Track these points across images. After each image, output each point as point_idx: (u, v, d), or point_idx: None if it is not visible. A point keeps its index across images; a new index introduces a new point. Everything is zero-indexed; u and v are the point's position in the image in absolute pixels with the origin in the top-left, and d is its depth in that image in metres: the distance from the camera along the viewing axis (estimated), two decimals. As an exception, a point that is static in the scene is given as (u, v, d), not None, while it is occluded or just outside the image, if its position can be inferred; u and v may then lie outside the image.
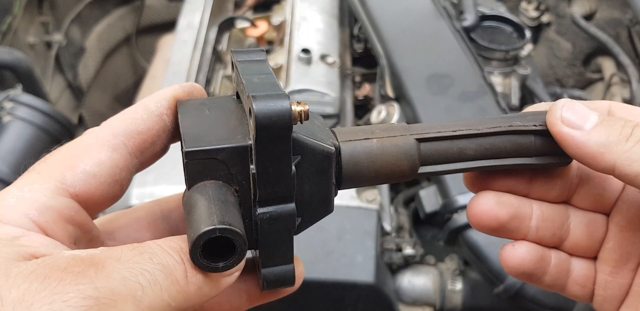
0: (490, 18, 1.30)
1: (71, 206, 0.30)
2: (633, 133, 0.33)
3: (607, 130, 0.33)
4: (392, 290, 0.95)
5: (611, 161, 0.32)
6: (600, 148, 0.33)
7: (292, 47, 1.24)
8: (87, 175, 0.30)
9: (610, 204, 0.38)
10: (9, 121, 1.26)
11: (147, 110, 0.33)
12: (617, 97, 1.36)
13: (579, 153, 0.33)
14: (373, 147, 0.34)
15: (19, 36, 1.68)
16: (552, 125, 0.34)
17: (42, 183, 0.29)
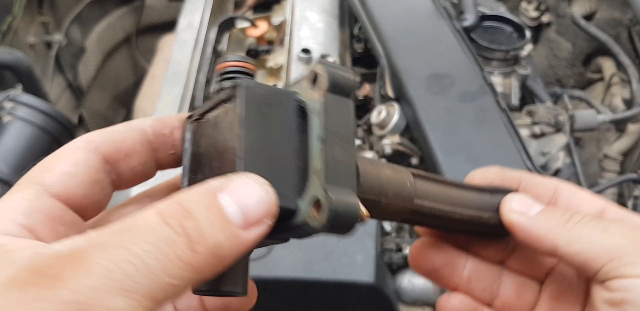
0: (491, 18, 1.30)
1: (57, 206, 0.29)
2: (572, 218, 0.37)
3: (549, 215, 0.38)
4: (392, 290, 0.95)
5: (553, 242, 0.36)
6: (542, 231, 0.37)
7: (292, 47, 1.24)
8: (65, 175, 0.30)
9: (543, 273, 0.42)
10: (9, 121, 1.26)
11: (126, 125, 0.33)
12: (617, 97, 1.36)
13: (526, 236, 0.38)
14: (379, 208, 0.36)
15: (19, 36, 1.68)
16: (503, 213, 0.39)
17: (24, 190, 0.29)
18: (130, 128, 0.33)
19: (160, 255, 0.23)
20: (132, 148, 0.33)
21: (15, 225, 0.27)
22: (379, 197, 0.35)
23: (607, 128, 1.33)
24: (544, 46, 1.64)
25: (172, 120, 0.35)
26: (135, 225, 0.24)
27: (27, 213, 0.28)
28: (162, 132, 0.34)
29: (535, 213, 0.38)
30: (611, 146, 1.32)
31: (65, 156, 0.31)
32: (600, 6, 1.49)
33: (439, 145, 1.01)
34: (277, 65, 1.26)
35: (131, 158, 0.33)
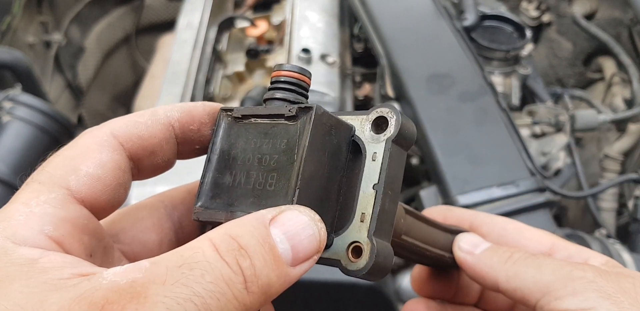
0: (491, 18, 1.30)
1: (83, 214, 0.28)
2: (512, 256, 0.40)
3: (491, 253, 0.41)
4: (392, 290, 0.95)
5: (494, 279, 0.39)
6: (485, 268, 0.40)
7: (292, 46, 1.23)
8: (92, 178, 0.28)
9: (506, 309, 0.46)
10: (8, 121, 1.25)
11: (153, 116, 0.31)
12: (618, 96, 1.36)
13: (472, 273, 0.41)
14: None
15: (18, 36, 1.67)
16: (454, 251, 0.44)
17: (48, 194, 0.27)
18: (156, 122, 0.31)
19: (219, 294, 0.23)
20: (159, 145, 0.31)
21: (43, 236, 0.26)
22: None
23: (607, 128, 1.33)
24: (545, 46, 1.64)
25: (200, 116, 0.33)
26: (193, 259, 0.24)
27: (54, 223, 0.26)
28: (190, 127, 0.32)
29: (480, 252, 0.42)
30: (612, 146, 1.32)
31: (90, 154, 0.29)
32: (600, 6, 1.49)
33: (439, 145, 1.00)
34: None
35: (156, 155, 0.31)
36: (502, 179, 0.96)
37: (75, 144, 0.30)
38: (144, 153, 0.31)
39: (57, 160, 0.29)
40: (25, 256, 0.25)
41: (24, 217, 0.26)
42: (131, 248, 0.33)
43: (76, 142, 0.30)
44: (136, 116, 0.31)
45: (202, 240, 0.25)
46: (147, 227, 0.34)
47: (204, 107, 0.33)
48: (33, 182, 0.28)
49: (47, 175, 0.28)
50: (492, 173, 0.97)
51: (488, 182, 0.95)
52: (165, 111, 0.32)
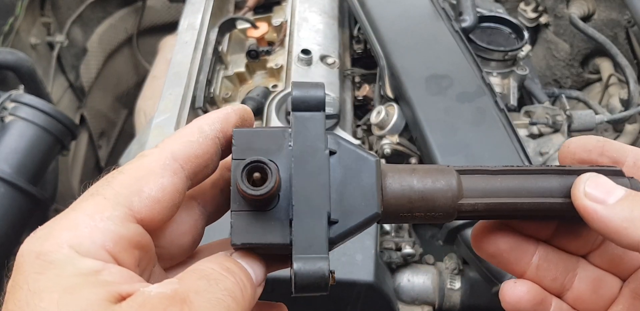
0: (489, 19, 1.31)
1: (139, 232, 0.31)
2: None
3: (631, 204, 0.32)
4: (391, 289, 0.96)
5: (636, 237, 0.31)
6: (623, 223, 0.32)
7: (292, 47, 1.24)
8: (153, 201, 0.31)
9: (628, 270, 0.38)
10: (11, 121, 1.26)
11: (202, 133, 0.34)
12: (615, 97, 1.37)
13: (603, 228, 0.33)
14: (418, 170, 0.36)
15: (21, 37, 1.68)
16: (575, 198, 0.34)
17: (112, 211, 0.30)
18: (206, 138, 0.34)
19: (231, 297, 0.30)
20: (210, 159, 0.34)
21: (104, 251, 0.29)
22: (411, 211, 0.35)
23: (604, 128, 1.34)
24: (542, 47, 1.65)
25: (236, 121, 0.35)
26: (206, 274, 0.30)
27: (114, 240, 0.29)
28: (228, 134, 0.35)
29: (616, 201, 0.33)
30: (609, 146, 1.32)
31: (153, 178, 0.31)
32: (598, 7, 1.49)
33: (437, 145, 1.01)
34: (277, 65, 1.27)
35: (208, 168, 0.34)
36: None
37: (140, 165, 0.32)
38: (200, 169, 0.33)
39: (123, 178, 0.32)
40: (89, 267, 0.28)
41: (89, 229, 0.29)
42: (168, 251, 0.35)
43: (141, 162, 0.32)
44: (187, 135, 0.34)
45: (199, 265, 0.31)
46: (185, 230, 0.36)
47: (234, 112, 0.35)
48: (98, 195, 0.31)
49: (113, 192, 0.31)
50: (490, 173, 0.98)
51: (486, 182, 0.96)
52: (209, 125, 0.34)
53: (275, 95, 1.13)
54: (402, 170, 0.36)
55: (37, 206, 1.26)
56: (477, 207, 0.35)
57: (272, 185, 0.31)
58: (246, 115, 0.36)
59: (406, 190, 0.35)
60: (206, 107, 1.17)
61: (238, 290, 0.30)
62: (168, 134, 1.05)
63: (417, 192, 0.35)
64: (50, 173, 1.42)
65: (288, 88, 1.14)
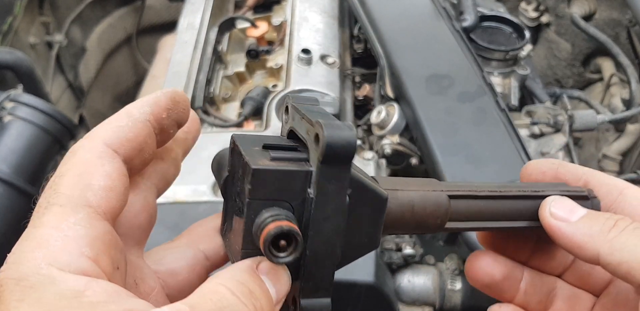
0: (490, 18, 1.30)
1: (108, 229, 0.30)
2: (616, 225, 0.35)
3: (591, 221, 0.36)
4: (391, 290, 0.96)
5: (595, 250, 0.35)
6: (584, 238, 0.35)
7: (292, 47, 1.24)
8: (106, 190, 0.30)
9: (599, 286, 0.41)
10: (9, 121, 1.26)
11: (131, 118, 0.33)
12: (617, 97, 1.37)
13: (567, 243, 0.36)
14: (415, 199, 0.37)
15: (20, 36, 1.68)
16: (542, 218, 0.38)
17: (75, 215, 0.28)
18: (136, 121, 0.33)
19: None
20: (144, 142, 0.33)
21: (84, 258, 0.27)
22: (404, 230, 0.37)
23: (606, 128, 1.34)
24: (544, 46, 1.65)
25: (166, 103, 0.34)
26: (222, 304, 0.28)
27: (90, 244, 0.28)
28: (162, 116, 0.34)
29: (577, 219, 0.36)
30: (610, 146, 1.32)
31: (95, 168, 0.30)
32: (599, 7, 1.49)
33: (438, 145, 1.01)
34: (277, 65, 1.27)
35: (144, 151, 0.33)
36: (501, 179, 0.97)
37: (75, 161, 0.31)
38: (134, 152, 0.32)
39: (66, 180, 0.30)
40: (71, 287, 0.26)
41: (60, 241, 0.27)
42: (131, 236, 0.35)
43: (73, 159, 0.31)
44: (116, 121, 0.33)
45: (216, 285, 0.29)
46: (137, 210, 0.35)
47: (164, 95, 0.35)
48: (52, 206, 0.29)
49: (65, 196, 0.29)
50: (491, 173, 0.98)
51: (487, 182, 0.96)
52: (137, 109, 0.33)
53: (275, 94, 1.13)
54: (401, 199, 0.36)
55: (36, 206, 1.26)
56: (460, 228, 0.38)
57: (298, 255, 0.31)
58: (178, 98, 0.35)
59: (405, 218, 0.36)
60: (206, 106, 1.16)
61: None
62: (167, 134, 1.05)
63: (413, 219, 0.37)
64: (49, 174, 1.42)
65: (288, 88, 1.14)
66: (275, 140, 0.36)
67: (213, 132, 1.07)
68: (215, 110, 1.21)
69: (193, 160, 1.01)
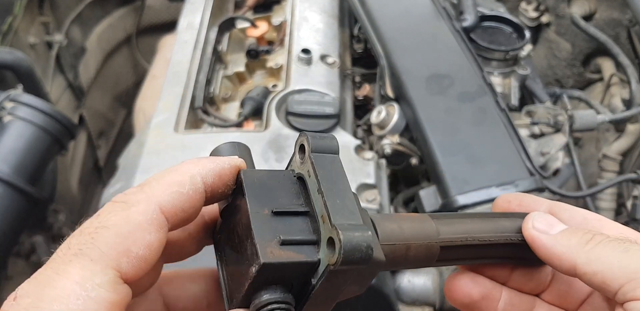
0: (490, 18, 1.30)
1: (127, 293, 0.30)
2: (593, 238, 0.37)
3: (570, 234, 0.38)
4: (391, 290, 0.96)
5: (572, 261, 0.37)
6: (563, 249, 0.37)
7: (292, 47, 1.24)
8: (140, 260, 0.30)
9: (576, 303, 0.42)
10: (9, 121, 1.26)
11: (193, 185, 0.32)
12: (617, 97, 1.37)
13: (546, 254, 0.38)
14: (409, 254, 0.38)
15: (19, 36, 1.68)
16: (525, 230, 0.40)
17: (102, 276, 0.29)
18: (196, 192, 0.33)
19: None
20: (195, 214, 0.33)
21: None
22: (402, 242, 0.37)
23: (606, 128, 1.34)
24: (544, 46, 1.65)
25: (228, 178, 0.34)
26: None
27: (108, 308, 0.28)
28: (219, 190, 0.34)
29: (557, 232, 0.39)
30: (610, 146, 1.32)
31: (140, 234, 0.30)
32: (599, 6, 1.49)
33: (438, 145, 1.01)
34: (277, 65, 1.27)
35: (188, 221, 0.34)
36: (501, 179, 0.97)
37: (126, 218, 0.30)
38: (182, 223, 0.33)
39: (109, 235, 0.30)
40: None
41: (81, 301, 0.27)
42: None
43: (127, 215, 0.31)
44: (177, 185, 0.32)
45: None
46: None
47: (231, 169, 0.34)
48: (83, 256, 0.29)
49: (99, 252, 0.29)
50: (492, 173, 0.98)
51: (487, 182, 0.96)
52: (202, 177, 0.33)
53: (275, 94, 1.13)
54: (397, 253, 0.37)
55: (36, 206, 1.26)
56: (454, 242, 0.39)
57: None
58: (242, 167, 0.36)
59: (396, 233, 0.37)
60: (205, 106, 1.16)
61: None
62: (167, 134, 1.05)
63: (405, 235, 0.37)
64: (49, 173, 1.42)
65: (288, 88, 1.14)
66: (286, 193, 0.35)
67: (213, 132, 1.07)
68: (215, 110, 1.21)
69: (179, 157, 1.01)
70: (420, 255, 0.38)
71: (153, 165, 1.00)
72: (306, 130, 0.35)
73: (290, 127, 1.06)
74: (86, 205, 1.89)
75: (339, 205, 0.32)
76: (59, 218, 1.57)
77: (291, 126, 1.06)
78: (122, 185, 1.01)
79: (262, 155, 0.99)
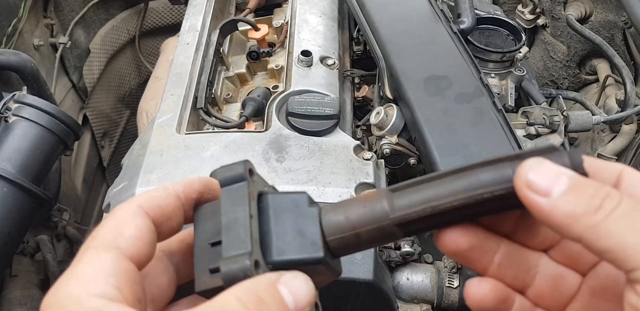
0: (487, 21, 1.32)
1: (131, 267, 0.35)
2: (602, 206, 0.31)
3: (575, 199, 0.31)
4: (390, 287, 0.97)
5: (577, 234, 0.31)
6: (566, 220, 0.31)
7: (292, 49, 1.25)
8: (134, 239, 0.36)
9: (587, 266, 0.38)
10: (14, 121, 1.27)
11: (165, 190, 0.39)
12: (612, 98, 1.38)
13: (547, 222, 0.32)
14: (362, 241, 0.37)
15: (24, 38, 1.70)
16: (518, 189, 0.33)
17: (105, 254, 0.34)
18: (169, 194, 0.39)
19: None
20: (172, 212, 0.39)
21: (110, 286, 0.33)
22: (350, 231, 0.37)
23: (601, 128, 1.35)
24: (540, 48, 1.66)
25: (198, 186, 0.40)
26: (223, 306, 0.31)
27: (114, 275, 0.33)
28: (192, 196, 0.39)
29: (559, 194, 0.31)
30: (605, 146, 1.34)
31: (128, 222, 0.36)
32: (595, 9, 1.51)
33: (436, 145, 1.02)
34: (277, 66, 1.28)
35: (171, 220, 0.39)
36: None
37: (114, 217, 0.37)
38: (163, 218, 0.38)
39: (103, 229, 0.36)
40: (93, 306, 0.31)
41: (91, 273, 0.33)
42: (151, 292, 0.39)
43: (114, 215, 0.37)
44: (153, 191, 0.39)
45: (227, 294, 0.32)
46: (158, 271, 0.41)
47: (199, 180, 0.40)
48: (89, 248, 0.35)
49: (99, 241, 0.36)
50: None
51: (483, 181, 0.97)
52: (172, 185, 0.39)
53: (276, 95, 1.15)
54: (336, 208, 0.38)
55: (40, 205, 1.27)
56: (410, 217, 0.35)
57: None
58: (211, 186, 0.40)
59: (342, 224, 0.37)
60: (207, 107, 1.18)
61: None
62: (169, 134, 1.07)
63: (351, 224, 0.37)
64: (53, 173, 1.43)
65: (288, 89, 1.16)
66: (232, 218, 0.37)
67: (214, 132, 1.09)
68: (216, 111, 1.23)
69: (195, 159, 1.02)
70: (377, 237, 0.37)
71: (156, 165, 1.01)
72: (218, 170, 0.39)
73: (291, 128, 1.07)
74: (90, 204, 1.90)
75: (233, 236, 0.35)
76: (63, 218, 1.58)
77: (292, 126, 1.07)
78: (126, 184, 1.02)
79: (262, 156, 1.01)
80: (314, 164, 1.00)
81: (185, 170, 0.99)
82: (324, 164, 1.00)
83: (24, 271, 1.38)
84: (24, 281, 1.35)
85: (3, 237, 1.15)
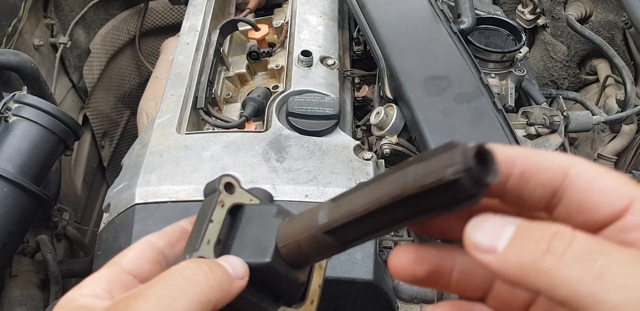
0: (487, 21, 1.32)
1: (129, 278, 0.39)
2: (550, 248, 0.27)
3: (520, 248, 0.28)
4: (390, 287, 0.97)
5: (534, 286, 0.28)
6: (517, 273, 0.28)
7: (292, 49, 1.26)
8: (135, 257, 0.40)
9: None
10: (14, 121, 1.27)
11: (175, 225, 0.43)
12: (612, 98, 1.38)
13: (502, 279, 0.29)
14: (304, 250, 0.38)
15: (24, 38, 1.70)
16: (468, 252, 0.30)
17: (105, 269, 0.40)
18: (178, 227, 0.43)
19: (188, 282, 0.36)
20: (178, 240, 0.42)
21: (101, 289, 0.38)
22: (292, 239, 0.38)
23: (601, 128, 1.35)
24: (540, 48, 1.66)
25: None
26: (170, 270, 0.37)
27: (108, 281, 0.38)
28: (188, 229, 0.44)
29: (504, 247, 0.29)
30: (605, 146, 1.34)
31: (134, 247, 0.41)
32: (595, 9, 1.51)
33: (436, 145, 1.02)
34: (278, 66, 1.28)
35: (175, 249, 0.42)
36: (497, 178, 0.98)
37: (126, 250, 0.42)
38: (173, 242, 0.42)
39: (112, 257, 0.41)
40: (82, 303, 0.37)
41: (89, 280, 0.39)
42: None
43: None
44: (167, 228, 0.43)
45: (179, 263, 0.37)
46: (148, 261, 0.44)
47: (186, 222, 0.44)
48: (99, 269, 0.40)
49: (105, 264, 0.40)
50: (488, 173, 0.99)
51: (483, 181, 0.97)
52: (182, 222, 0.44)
53: (276, 95, 1.15)
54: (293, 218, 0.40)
55: (41, 205, 1.28)
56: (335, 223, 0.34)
57: None
58: None
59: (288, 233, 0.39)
60: (207, 107, 1.18)
61: (201, 274, 0.35)
62: (170, 134, 1.07)
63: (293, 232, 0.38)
64: (54, 173, 1.43)
65: (288, 89, 1.16)
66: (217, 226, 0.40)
67: (214, 132, 1.09)
68: (217, 111, 1.23)
69: (195, 159, 1.03)
70: (315, 246, 0.37)
71: (156, 164, 1.01)
72: None
73: (291, 128, 1.07)
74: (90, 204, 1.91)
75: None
76: (63, 218, 1.58)
77: (292, 126, 1.07)
78: (126, 184, 1.02)
79: (263, 156, 1.01)
80: (314, 164, 1.00)
81: (186, 170, 0.99)
82: (324, 164, 1.00)
83: (24, 271, 1.38)
84: (24, 281, 1.35)
85: (3, 237, 1.15)
